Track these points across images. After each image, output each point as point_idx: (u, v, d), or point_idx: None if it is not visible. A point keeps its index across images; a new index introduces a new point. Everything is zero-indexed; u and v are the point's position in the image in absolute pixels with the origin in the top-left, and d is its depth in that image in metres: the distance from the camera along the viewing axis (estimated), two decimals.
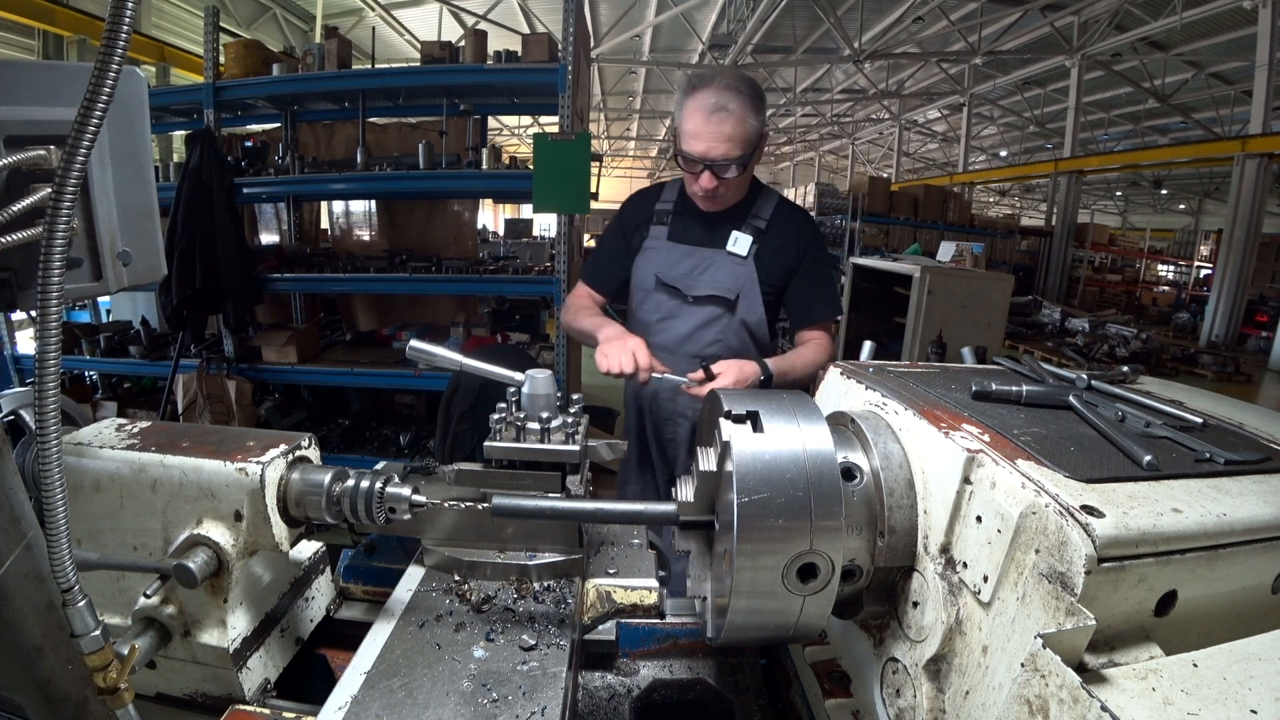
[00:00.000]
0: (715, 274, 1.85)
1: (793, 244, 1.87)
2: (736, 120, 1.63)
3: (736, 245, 1.84)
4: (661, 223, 1.92)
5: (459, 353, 1.43)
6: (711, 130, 1.63)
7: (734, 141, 1.64)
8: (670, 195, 1.95)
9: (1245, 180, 10.60)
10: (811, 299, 1.91)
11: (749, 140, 1.67)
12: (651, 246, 1.91)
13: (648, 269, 1.90)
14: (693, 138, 1.66)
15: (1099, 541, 0.56)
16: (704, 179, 1.69)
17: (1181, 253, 21.60)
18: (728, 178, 1.70)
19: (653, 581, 1.06)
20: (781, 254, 1.87)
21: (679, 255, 1.88)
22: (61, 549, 0.52)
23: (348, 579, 1.12)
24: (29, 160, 0.53)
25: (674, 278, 1.87)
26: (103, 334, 4.56)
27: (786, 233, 1.87)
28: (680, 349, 1.88)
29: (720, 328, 1.86)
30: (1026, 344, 10.45)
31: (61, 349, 0.49)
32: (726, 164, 1.66)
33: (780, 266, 1.87)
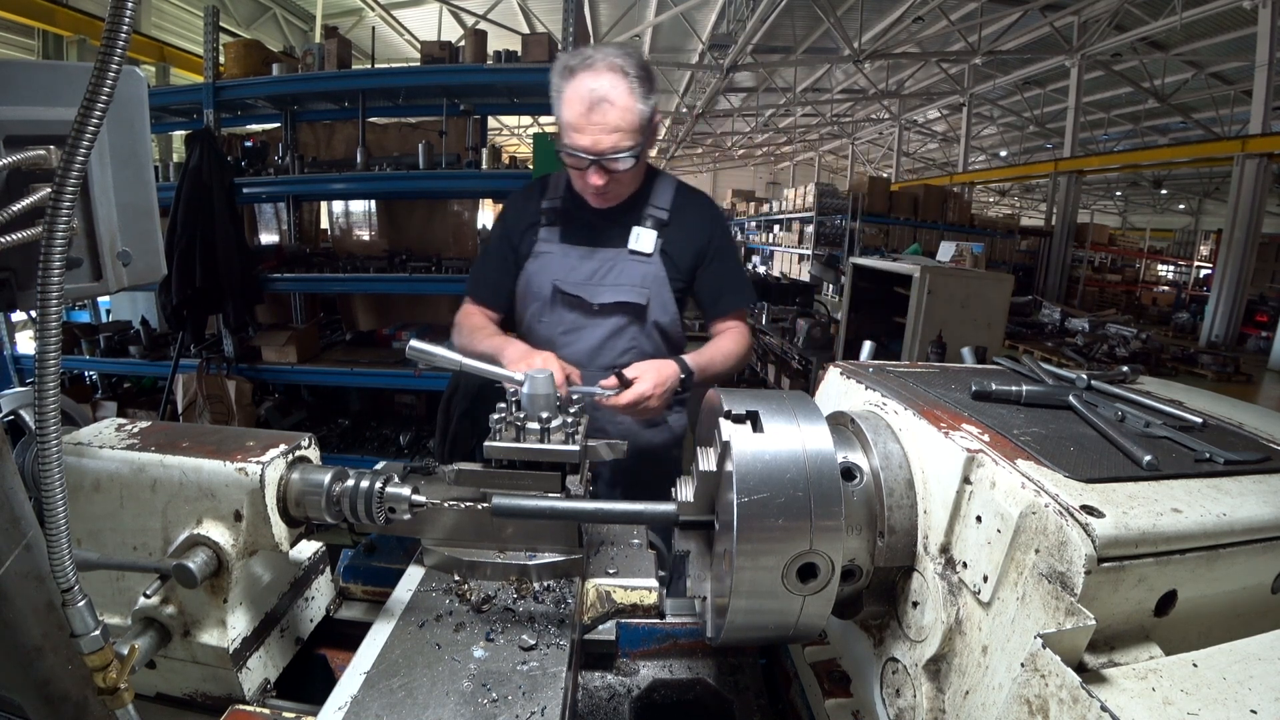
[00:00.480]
0: (620, 277, 1.66)
1: (698, 232, 1.72)
2: (622, 109, 1.44)
3: (640, 242, 1.66)
4: (551, 223, 1.70)
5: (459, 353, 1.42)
6: (595, 122, 1.44)
7: (622, 132, 1.45)
8: (557, 191, 1.73)
9: (1245, 180, 10.60)
10: (723, 289, 1.78)
11: (639, 127, 1.47)
12: (544, 251, 1.69)
13: (543, 277, 1.68)
14: (574, 131, 1.46)
15: (1099, 541, 0.56)
16: (592, 176, 1.49)
17: (1181, 253, 21.60)
18: (618, 171, 1.50)
19: (653, 581, 1.06)
20: (687, 245, 1.71)
21: (576, 259, 1.67)
22: (61, 549, 0.52)
23: (348, 579, 1.12)
24: (29, 160, 0.53)
25: (575, 285, 1.66)
26: (103, 334, 4.56)
27: (690, 221, 1.71)
28: (591, 363, 1.68)
29: (632, 335, 1.70)
30: (1026, 344, 10.45)
31: (61, 349, 0.49)
32: (616, 157, 1.47)
33: (687, 258, 1.71)
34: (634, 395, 1.43)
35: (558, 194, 1.72)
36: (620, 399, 1.43)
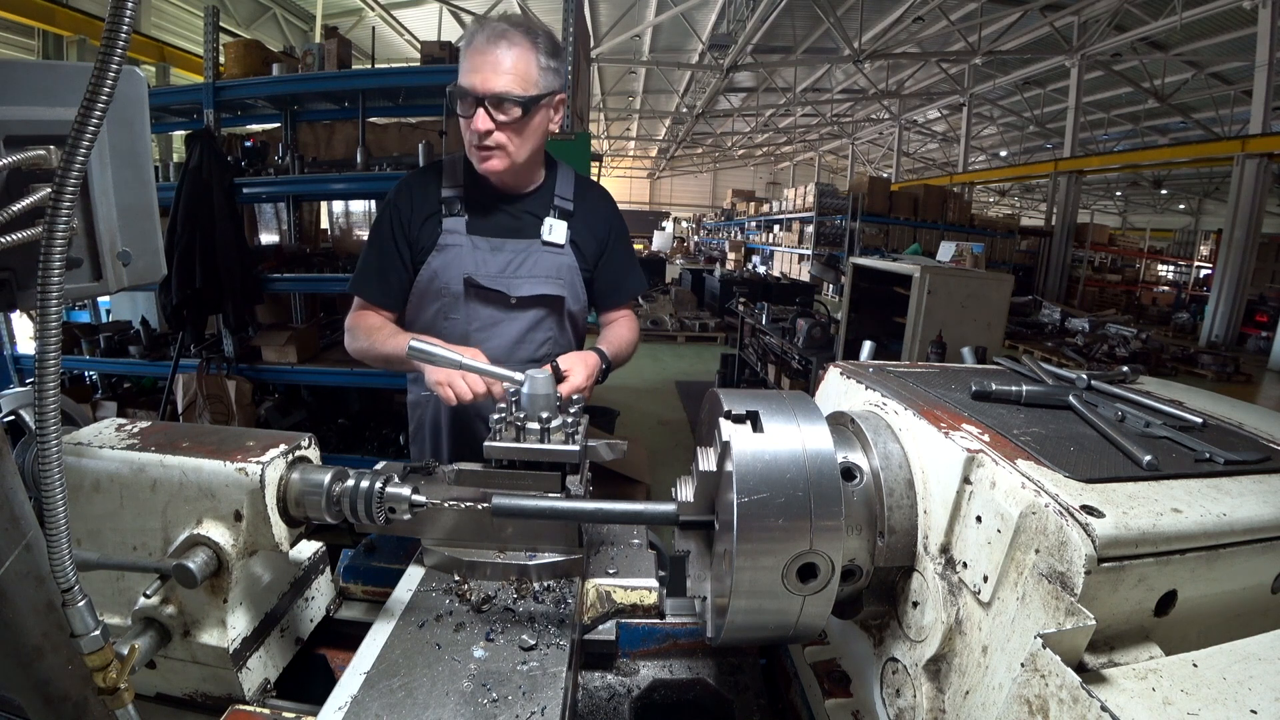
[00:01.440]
0: (537, 269, 1.63)
1: (599, 222, 1.72)
2: (520, 54, 1.41)
3: (553, 234, 1.63)
4: (455, 213, 1.61)
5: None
6: (488, 61, 1.40)
7: (514, 76, 1.40)
8: (455, 178, 1.63)
9: (1245, 180, 10.60)
10: (621, 279, 1.78)
11: (533, 82, 1.43)
12: (451, 243, 1.60)
13: (453, 270, 1.59)
14: (469, 72, 1.42)
15: (1099, 541, 0.56)
16: (478, 118, 1.41)
17: (1181, 253, 21.60)
18: (505, 121, 1.43)
19: (653, 581, 1.06)
20: (591, 235, 1.70)
21: (488, 251, 1.60)
22: (61, 549, 0.52)
23: (348, 579, 1.12)
24: (29, 160, 0.53)
25: (489, 278, 1.60)
26: (103, 334, 4.56)
27: (592, 211, 1.71)
28: (510, 357, 1.63)
29: (549, 326, 1.68)
30: (1026, 344, 10.45)
31: (61, 349, 0.49)
32: (503, 101, 1.40)
33: (592, 248, 1.71)
34: (571, 388, 1.39)
35: (457, 181, 1.63)
36: (561, 390, 1.40)
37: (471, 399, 1.33)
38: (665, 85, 20.43)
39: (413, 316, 1.66)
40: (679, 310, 11.73)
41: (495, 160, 1.49)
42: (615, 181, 38.15)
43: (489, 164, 1.49)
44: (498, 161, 1.49)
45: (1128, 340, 10.69)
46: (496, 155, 1.48)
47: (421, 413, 1.77)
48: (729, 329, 10.10)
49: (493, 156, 1.48)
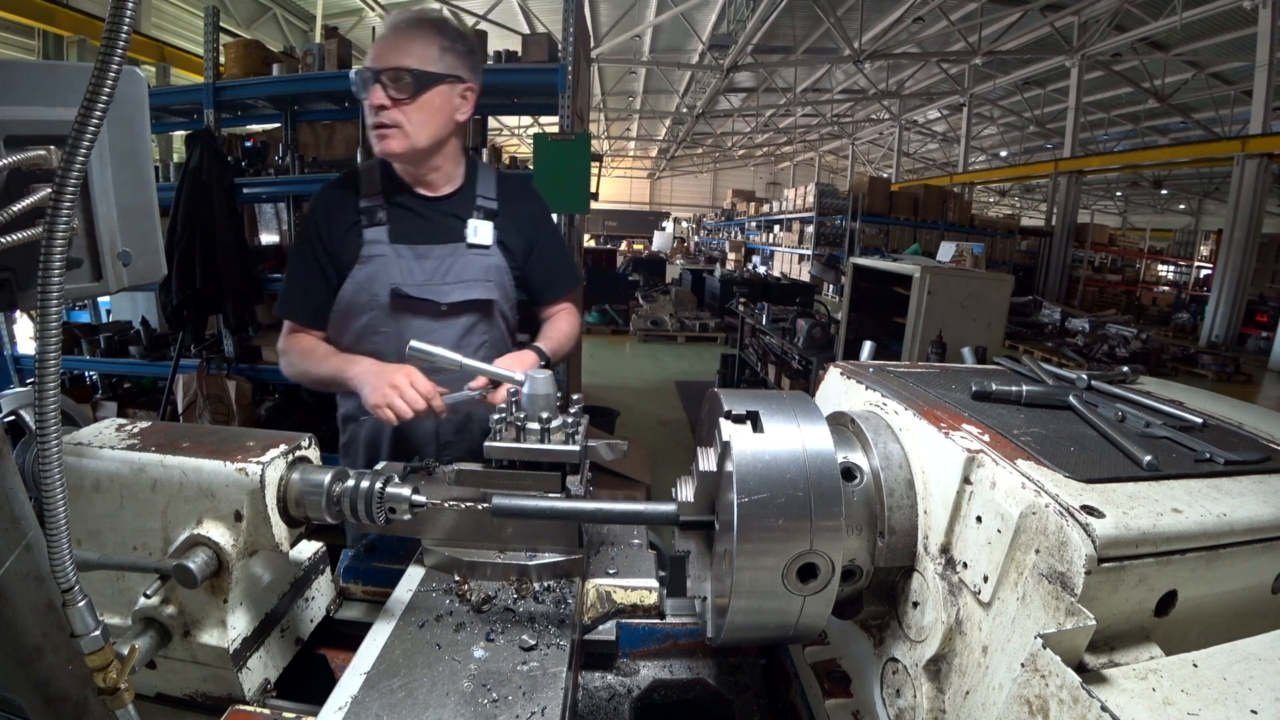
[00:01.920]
0: (465, 273, 1.59)
1: (526, 219, 1.68)
2: (419, 34, 1.43)
3: (478, 235, 1.60)
4: (376, 223, 1.56)
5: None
6: (386, 42, 1.43)
7: (410, 56, 1.41)
8: (373, 186, 1.59)
9: (1245, 180, 10.61)
10: (555, 273, 1.74)
11: (431, 60, 1.43)
12: (375, 254, 1.55)
13: (379, 282, 1.54)
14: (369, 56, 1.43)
15: (1099, 542, 0.56)
16: (373, 93, 1.41)
17: (1181, 253, 21.62)
18: (400, 97, 1.42)
19: (653, 581, 1.06)
20: (519, 234, 1.67)
21: (413, 259, 1.55)
22: (61, 549, 0.52)
23: (348, 579, 1.12)
24: (29, 160, 0.53)
25: (418, 287, 1.55)
26: (103, 334, 4.56)
27: (518, 208, 1.68)
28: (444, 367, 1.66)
29: (483, 331, 1.63)
30: (1026, 344, 10.45)
31: (61, 349, 0.49)
32: (398, 75, 1.40)
33: (521, 246, 1.67)
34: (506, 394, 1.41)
35: (375, 190, 1.59)
36: (497, 396, 1.36)
37: (412, 417, 1.32)
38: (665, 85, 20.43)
39: (338, 332, 1.59)
40: (679, 310, 11.73)
41: (392, 140, 1.45)
42: (615, 182, 38.17)
43: (386, 144, 1.45)
44: (395, 142, 1.45)
45: (1128, 340, 10.69)
46: (393, 135, 1.44)
47: (356, 427, 1.71)
48: (729, 329, 10.10)
49: (389, 136, 1.44)
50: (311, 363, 1.53)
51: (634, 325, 11.13)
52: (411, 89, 1.42)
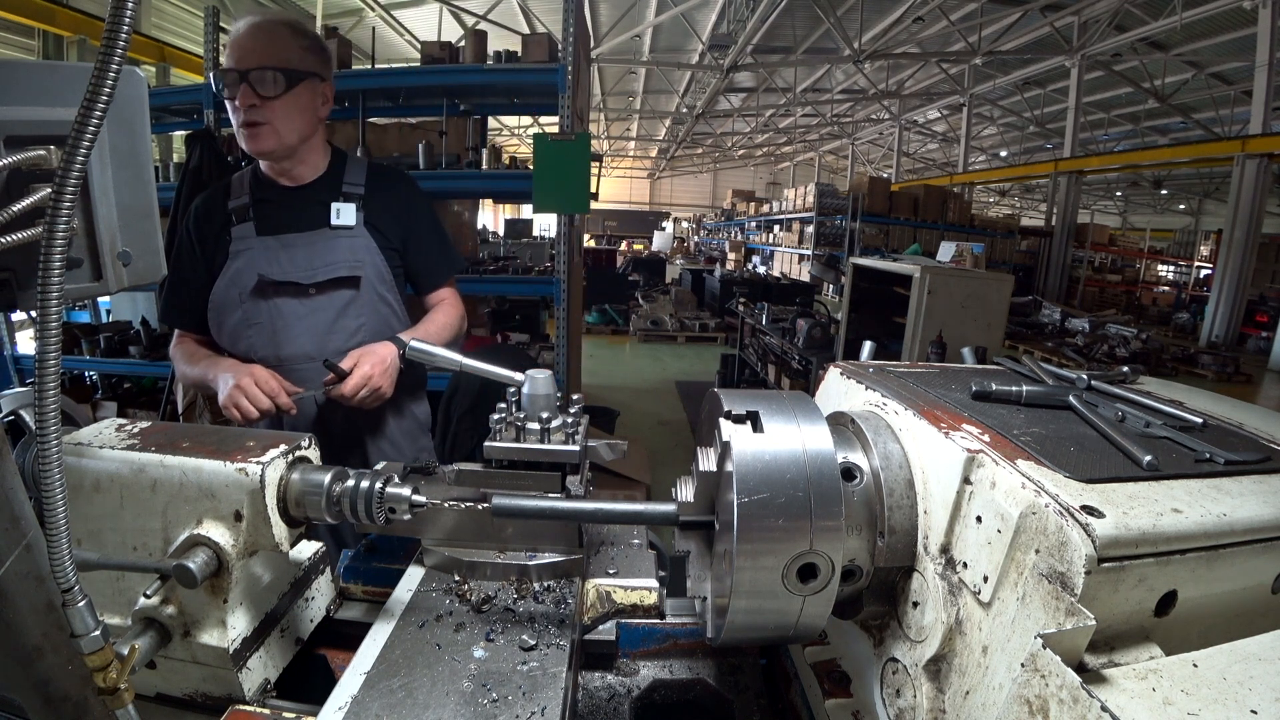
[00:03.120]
0: (330, 254, 1.61)
1: (400, 206, 1.71)
2: (276, 34, 1.48)
3: (341, 217, 1.62)
4: (243, 219, 1.61)
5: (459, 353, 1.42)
6: (245, 42, 1.46)
7: (275, 56, 1.47)
8: (242, 189, 1.64)
9: (1245, 180, 10.61)
10: (434, 261, 1.77)
11: (293, 59, 1.49)
12: (242, 249, 1.59)
13: (246, 273, 1.58)
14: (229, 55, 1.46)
15: (1099, 542, 0.56)
16: (242, 93, 1.45)
17: (1181, 253, 21.62)
18: (268, 96, 1.47)
19: (653, 581, 1.06)
20: (392, 221, 1.69)
21: (278, 247, 1.59)
22: (61, 549, 0.52)
23: (348, 579, 1.12)
24: (29, 160, 0.53)
25: (284, 271, 1.58)
26: (103, 334, 4.56)
27: (390, 196, 1.70)
28: (323, 349, 1.60)
29: (358, 311, 1.64)
30: (1026, 344, 10.46)
31: (61, 349, 0.49)
32: (262, 75, 1.45)
33: (395, 231, 1.70)
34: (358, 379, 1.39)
35: (243, 192, 1.63)
36: (345, 388, 1.39)
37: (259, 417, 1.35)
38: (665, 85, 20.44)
39: (217, 332, 1.63)
40: (679, 310, 11.74)
41: (263, 138, 1.49)
42: (615, 182, 38.18)
43: (257, 142, 1.49)
44: (266, 139, 1.50)
45: (1128, 340, 10.70)
46: (264, 132, 1.49)
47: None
48: (729, 329, 10.11)
49: (260, 134, 1.49)
50: (188, 365, 1.59)
51: (634, 325, 11.14)
52: (279, 87, 1.47)
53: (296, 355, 1.61)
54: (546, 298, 4.83)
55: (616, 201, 37.37)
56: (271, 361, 1.58)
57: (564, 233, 3.97)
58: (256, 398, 1.35)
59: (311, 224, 1.62)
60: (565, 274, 3.86)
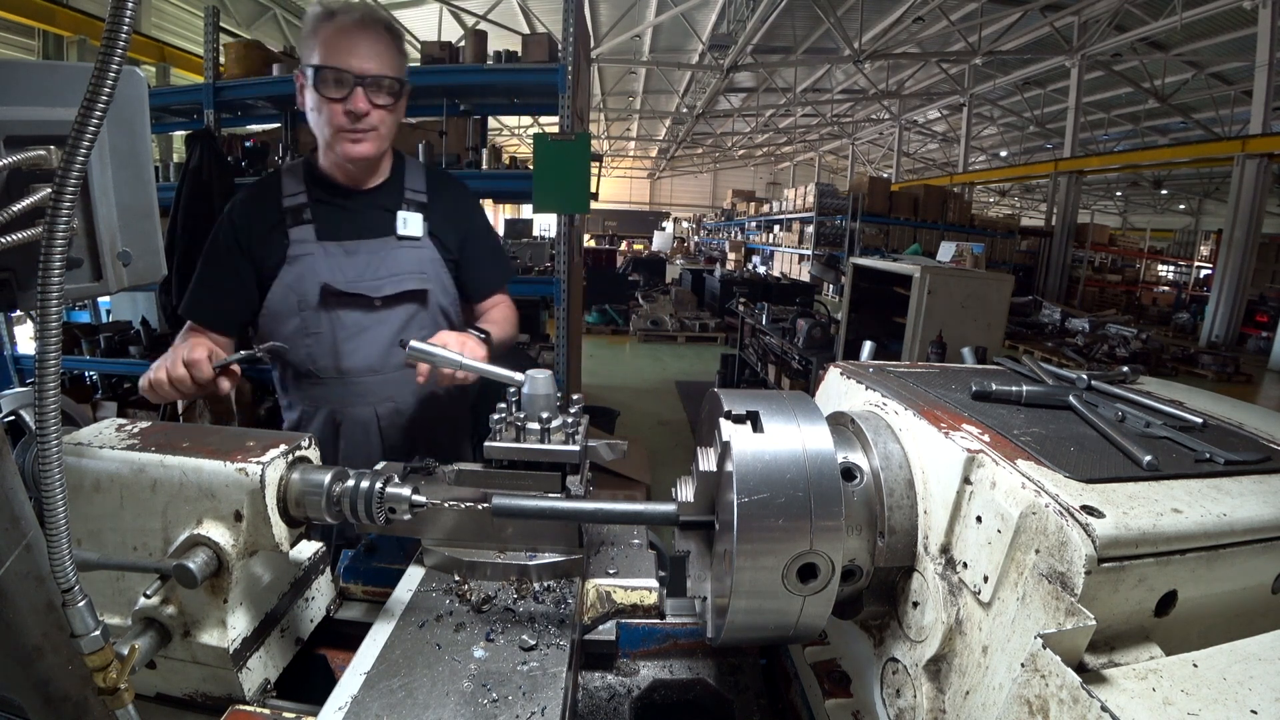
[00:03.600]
0: (397, 265, 1.56)
1: (457, 213, 1.67)
2: (388, 39, 1.43)
3: (408, 227, 1.57)
4: (301, 221, 1.52)
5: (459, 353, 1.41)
6: (361, 45, 1.39)
7: (388, 62, 1.42)
8: (295, 186, 1.55)
9: (1245, 180, 10.61)
10: (488, 267, 1.72)
11: (400, 67, 1.46)
12: (303, 253, 1.51)
13: (308, 281, 1.50)
14: (338, 53, 1.37)
15: (1099, 542, 0.56)
16: (356, 99, 1.39)
17: (1181, 253, 21.63)
18: (382, 105, 1.43)
19: (653, 581, 1.06)
20: (451, 228, 1.65)
21: (342, 256, 1.52)
22: (61, 549, 0.52)
23: (348, 579, 1.12)
24: (29, 160, 0.53)
25: (351, 282, 1.51)
26: (103, 334, 4.56)
27: (449, 202, 1.66)
28: (386, 363, 1.57)
29: (421, 324, 1.60)
30: (1026, 344, 10.46)
31: (61, 349, 0.49)
32: (380, 83, 1.41)
33: (453, 239, 1.65)
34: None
35: (299, 188, 1.54)
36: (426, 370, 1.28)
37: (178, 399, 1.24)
38: (665, 85, 20.44)
39: (269, 337, 1.55)
40: (679, 310, 11.74)
41: (368, 144, 1.45)
42: (615, 182, 38.18)
43: (360, 148, 1.45)
44: (370, 145, 1.46)
45: (1128, 340, 10.70)
46: (370, 138, 1.45)
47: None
48: (729, 329, 10.11)
49: (366, 139, 1.44)
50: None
51: (634, 325, 11.14)
52: (395, 96, 1.45)
53: (359, 369, 1.56)
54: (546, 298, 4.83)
55: (616, 201, 37.36)
56: (331, 373, 1.55)
57: (564, 233, 3.97)
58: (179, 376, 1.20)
59: (375, 231, 1.56)
60: (565, 274, 3.86)
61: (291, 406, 1.67)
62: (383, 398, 1.60)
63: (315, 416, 1.61)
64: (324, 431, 1.61)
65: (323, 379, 1.57)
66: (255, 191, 1.59)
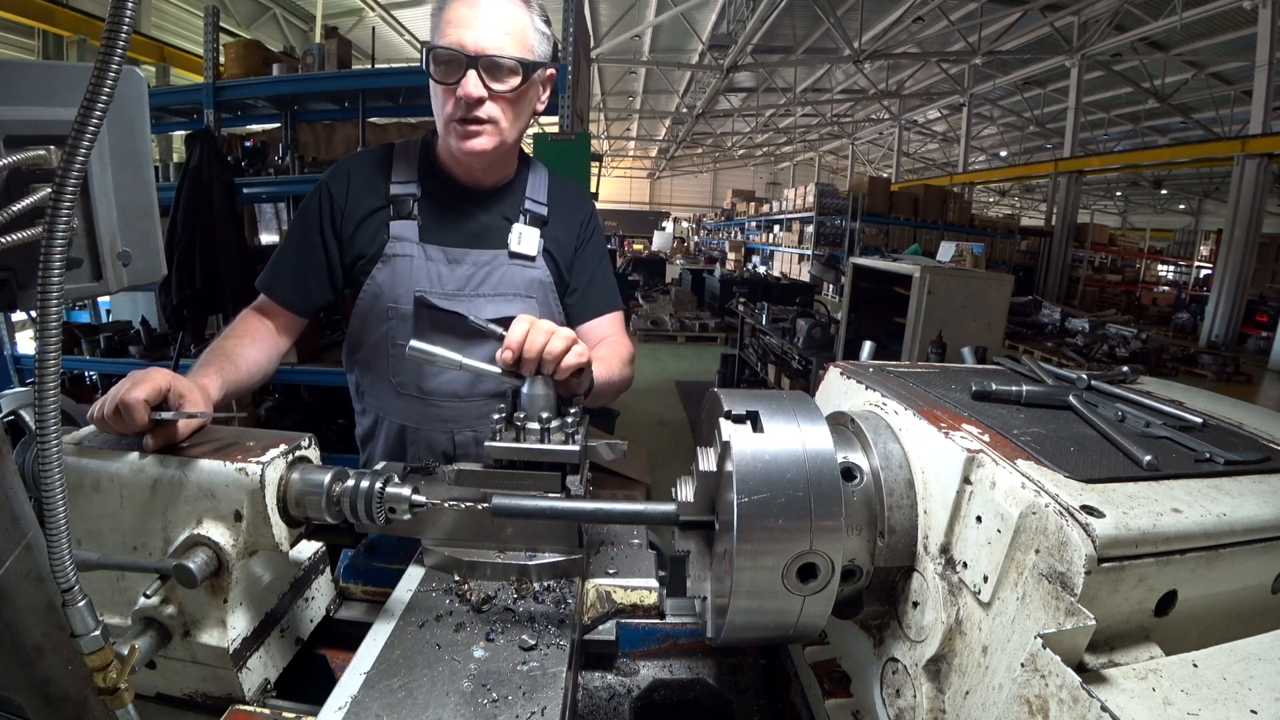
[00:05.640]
0: (503, 285, 1.37)
1: (574, 223, 1.47)
2: (516, 11, 1.20)
3: (523, 244, 1.38)
4: (405, 215, 1.34)
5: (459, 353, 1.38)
6: (480, 16, 1.16)
7: (511, 36, 1.18)
8: (407, 172, 1.36)
9: (1245, 180, 10.61)
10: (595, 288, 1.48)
11: (530, 46, 1.22)
12: (400, 253, 1.34)
13: (402, 287, 1.34)
14: (454, 28, 1.16)
15: (1099, 542, 0.56)
16: (468, 82, 1.16)
17: (1181, 253, 21.63)
18: (501, 90, 1.19)
19: (653, 581, 1.06)
20: (567, 240, 1.46)
21: (444, 264, 1.35)
22: (61, 549, 0.52)
23: (348, 579, 1.12)
24: (29, 160, 0.53)
25: (447, 298, 1.34)
26: (103, 334, 4.56)
27: (568, 215, 1.46)
28: (477, 390, 1.41)
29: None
30: (1026, 344, 10.46)
31: (61, 349, 0.49)
32: (501, 65, 1.18)
33: (566, 258, 1.46)
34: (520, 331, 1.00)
35: (411, 176, 1.36)
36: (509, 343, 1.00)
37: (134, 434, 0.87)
38: (665, 85, 20.44)
39: (355, 343, 1.45)
40: (679, 310, 11.74)
41: (485, 138, 1.23)
42: (615, 182, 38.18)
43: (475, 143, 1.23)
44: (487, 139, 1.24)
45: (1128, 340, 10.70)
46: (487, 131, 1.23)
47: (372, 446, 1.54)
48: (729, 329, 10.11)
49: (482, 133, 1.23)
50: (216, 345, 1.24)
51: (634, 325, 11.13)
52: (515, 81, 1.21)
53: (443, 392, 1.41)
54: None
55: (616, 201, 37.38)
56: (414, 392, 1.42)
57: None
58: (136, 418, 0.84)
59: (487, 242, 1.37)
60: None
61: (365, 413, 1.54)
62: (463, 425, 1.46)
63: (385, 430, 1.49)
64: (391, 446, 1.49)
65: (402, 394, 1.44)
66: (360, 165, 1.39)
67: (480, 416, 1.45)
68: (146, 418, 0.85)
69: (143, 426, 0.85)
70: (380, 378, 1.45)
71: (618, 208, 36.53)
